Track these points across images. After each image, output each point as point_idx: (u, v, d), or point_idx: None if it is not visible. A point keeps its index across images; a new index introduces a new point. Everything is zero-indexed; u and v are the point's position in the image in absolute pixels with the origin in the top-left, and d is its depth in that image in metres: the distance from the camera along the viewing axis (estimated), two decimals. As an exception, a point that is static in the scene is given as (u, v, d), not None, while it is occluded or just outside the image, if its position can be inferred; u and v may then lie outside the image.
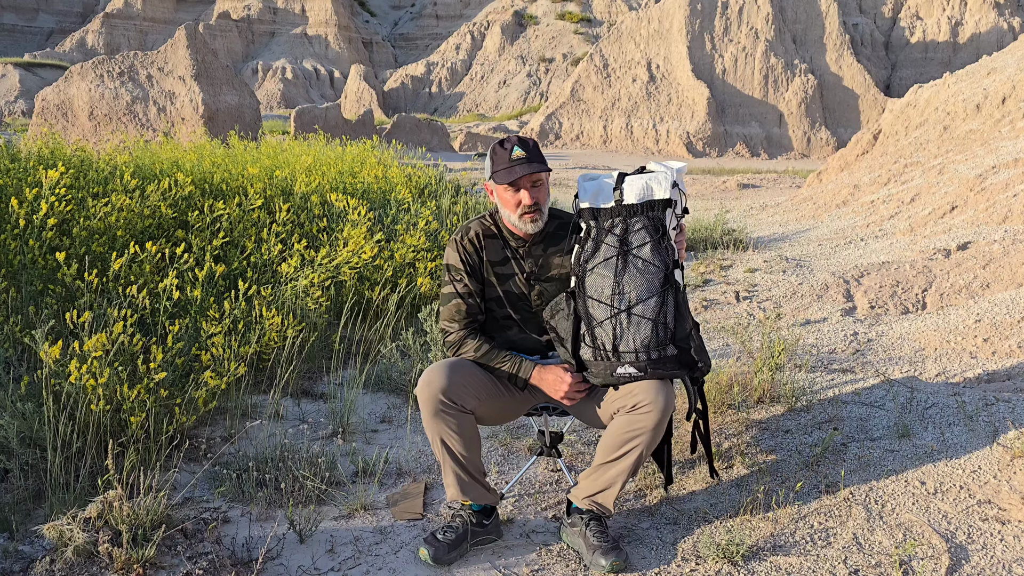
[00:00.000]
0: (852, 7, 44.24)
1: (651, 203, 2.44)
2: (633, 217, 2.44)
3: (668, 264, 2.40)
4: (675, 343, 2.39)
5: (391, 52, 65.55)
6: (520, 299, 2.62)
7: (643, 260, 2.39)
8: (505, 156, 2.49)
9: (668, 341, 2.38)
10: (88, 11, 66.53)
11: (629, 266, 2.40)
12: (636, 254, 2.40)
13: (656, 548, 2.54)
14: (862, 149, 15.11)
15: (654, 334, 2.36)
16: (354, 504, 2.80)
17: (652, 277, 2.38)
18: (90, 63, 21.46)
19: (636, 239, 2.41)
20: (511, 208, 2.53)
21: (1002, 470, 2.82)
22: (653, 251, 2.40)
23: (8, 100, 44.86)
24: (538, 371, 2.53)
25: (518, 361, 2.55)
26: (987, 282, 5.89)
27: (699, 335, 2.51)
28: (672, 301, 2.38)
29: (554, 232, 2.63)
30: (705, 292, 6.58)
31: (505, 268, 2.62)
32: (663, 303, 2.37)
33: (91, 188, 4.82)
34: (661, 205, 2.44)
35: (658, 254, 2.39)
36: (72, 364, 2.68)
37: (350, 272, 4.50)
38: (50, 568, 2.29)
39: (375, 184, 6.90)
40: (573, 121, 37.65)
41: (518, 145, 2.49)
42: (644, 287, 2.37)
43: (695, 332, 2.47)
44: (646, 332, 2.36)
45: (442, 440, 2.48)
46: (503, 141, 2.53)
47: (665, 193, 2.45)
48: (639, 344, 2.36)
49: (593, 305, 2.42)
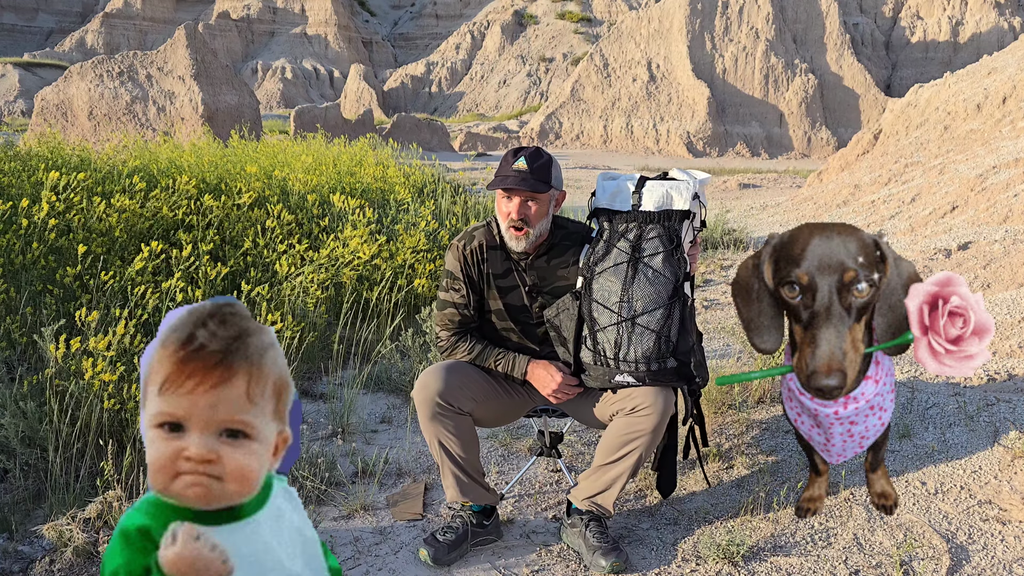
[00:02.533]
0: (852, 7, 44.23)
1: (668, 212, 2.40)
2: (648, 224, 2.40)
3: (679, 276, 2.36)
4: (676, 356, 2.37)
5: (391, 52, 65.54)
6: (521, 312, 2.60)
7: (653, 270, 2.36)
8: (509, 163, 2.46)
9: (669, 354, 2.36)
10: (88, 11, 66.51)
11: (639, 274, 2.36)
12: (647, 263, 2.36)
13: (656, 549, 2.54)
14: (862, 149, 15.11)
15: (656, 346, 2.34)
16: (354, 504, 2.79)
17: (661, 288, 2.34)
18: (90, 63, 21.46)
19: (649, 247, 2.38)
20: (503, 217, 2.49)
21: (1003, 470, 2.82)
22: (665, 262, 2.36)
23: (8, 100, 44.85)
24: (531, 366, 2.52)
25: (511, 358, 2.54)
26: (987, 282, 5.88)
27: (702, 348, 2.49)
28: (678, 314, 2.36)
29: (559, 243, 2.57)
30: (705, 292, 6.58)
31: (507, 281, 2.58)
32: (669, 316, 2.34)
33: (96, 189, 4.82)
34: (679, 216, 2.40)
35: (669, 265, 2.36)
36: (87, 362, 2.68)
37: (350, 274, 4.50)
38: (50, 568, 2.29)
39: (374, 184, 6.90)
40: (573, 121, 37.65)
41: (525, 158, 2.45)
42: (652, 298, 2.34)
43: (697, 346, 2.46)
44: (648, 344, 2.34)
45: (440, 442, 2.47)
46: (518, 149, 2.48)
47: (685, 204, 2.41)
48: (640, 355, 2.34)
49: (598, 309, 2.39)
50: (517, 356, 2.55)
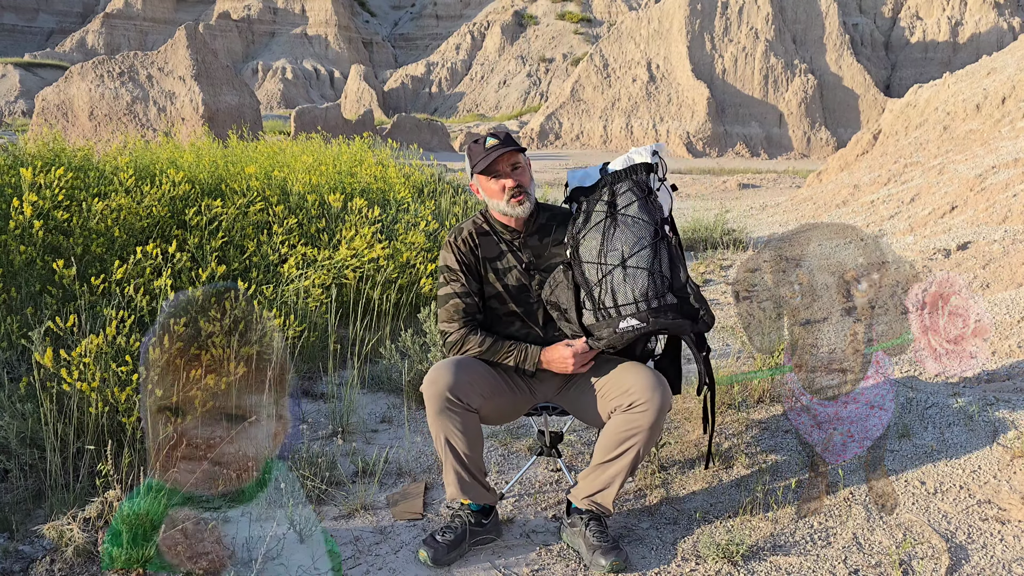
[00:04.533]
0: (852, 7, 44.25)
1: (634, 167, 2.55)
2: (619, 183, 2.53)
3: (657, 219, 2.46)
4: (673, 292, 2.42)
5: (391, 52, 65.55)
6: (521, 291, 2.63)
7: (631, 217, 2.47)
8: (480, 149, 2.56)
9: (666, 289, 2.41)
10: (88, 11, 66.54)
11: (618, 224, 2.47)
12: (624, 212, 2.48)
13: (656, 548, 2.54)
14: (862, 149, 15.12)
15: (651, 282, 2.39)
16: (354, 504, 2.80)
17: (642, 230, 2.44)
18: (90, 63, 21.47)
19: (623, 200, 2.50)
20: (497, 196, 2.57)
21: (1002, 470, 2.83)
22: (641, 208, 2.48)
23: (8, 100, 44.87)
24: (544, 354, 2.56)
25: (523, 349, 2.57)
26: (987, 282, 5.89)
27: (697, 287, 2.52)
28: (666, 253, 2.43)
29: (546, 223, 2.68)
30: (705, 292, 6.58)
31: (502, 262, 2.64)
32: (656, 254, 2.41)
33: (91, 189, 4.81)
34: (643, 168, 2.54)
35: (646, 211, 2.47)
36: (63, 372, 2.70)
37: (352, 275, 4.50)
38: (50, 568, 2.29)
39: (373, 184, 6.90)
40: (573, 121, 37.66)
41: (489, 136, 2.58)
42: (635, 240, 2.43)
43: (693, 283, 2.50)
44: (643, 281, 2.39)
45: (446, 438, 2.48)
46: (476, 139, 2.61)
47: (646, 158, 2.56)
48: (638, 294, 2.39)
49: (588, 268, 2.47)
50: (529, 347, 2.57)
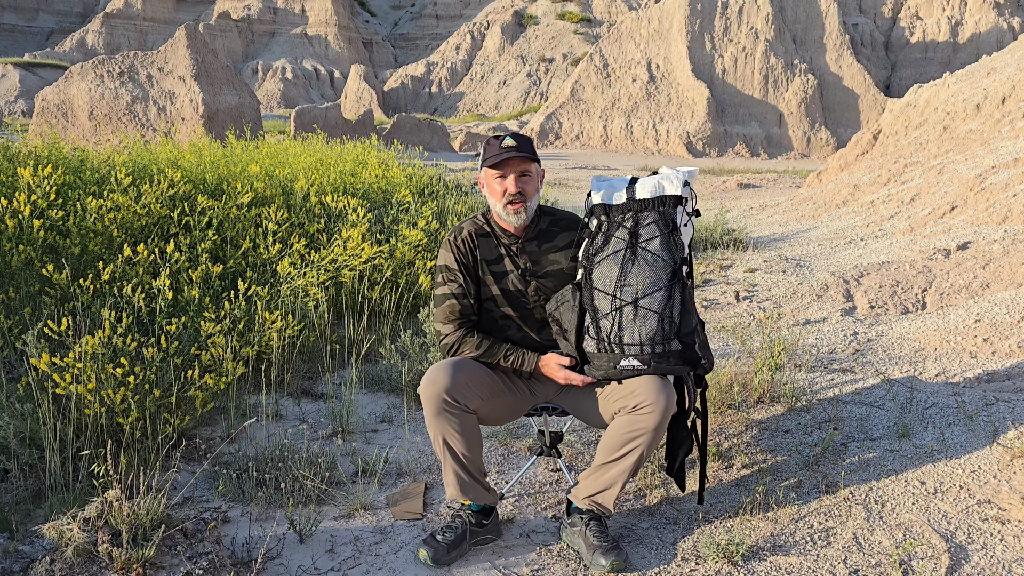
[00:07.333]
0: (852, 7, 44.23)
1: (663, 198, 2.49)
2: (644, 211, 2.48)
3: (676, 259, 2.42)
4: (680, 338, 2.40)
5: (391, 52, 65.53)
6: (517, 296, 2.63)
7: (652, 253, 2.42)
8: (496, 145, 2.54)
9: (673, 336, 2.39)
10: (88, 11, 66.51)
11: (638, 259, 2.42)
12: (645, 247, 2.43)
13: (656, 548, 2.54)
14: (862, 149, 15.11)
15: (660, 328, 2.37)
16: (354, 504, 2.80)
17: (660, 271, 2.40)
18: (90, 63, 21.46)
19: (646, 232, 2.45)
20: (497, 197, 2.55)
21: (1002, 470, 2.83)
22: (662, 245, 2.42)
23: (8, 100, 44.84)
24: (541, 358, 2.56)
25: (521, 353, 2.57)
26: (987, 282, 5.89)
27: (704, 332, 2.51)
28: (679, 296, 2.40)
29: (547, 229, 2.65)
30: (705, 292, 6.58)
31: (500, 266, 2.63)
32: (670, 297, 2.39)
33: (88, 188, 4.81)
34: (672, 201, 2.48)
35: (667, 248, 2.42)
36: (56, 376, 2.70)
37: (350, 274, 4.50)
38: (50, 568, 2.29)
39: (376, 184, 6.90)
40: (573, 121, 37.65)
41: (510, 137, 2.55)
42: (651, 280, 2.39)
43: (700, 329, 2.48)
44: (652, 325, 2.37)
45: (444, 439, 2.48)
46: (496, 135, 2.57)
47: (676, 190, 2.49)
48: (644, 337, 2.37)
49: (599, 297, 2.44)
50: (526, 352, 2.57)
